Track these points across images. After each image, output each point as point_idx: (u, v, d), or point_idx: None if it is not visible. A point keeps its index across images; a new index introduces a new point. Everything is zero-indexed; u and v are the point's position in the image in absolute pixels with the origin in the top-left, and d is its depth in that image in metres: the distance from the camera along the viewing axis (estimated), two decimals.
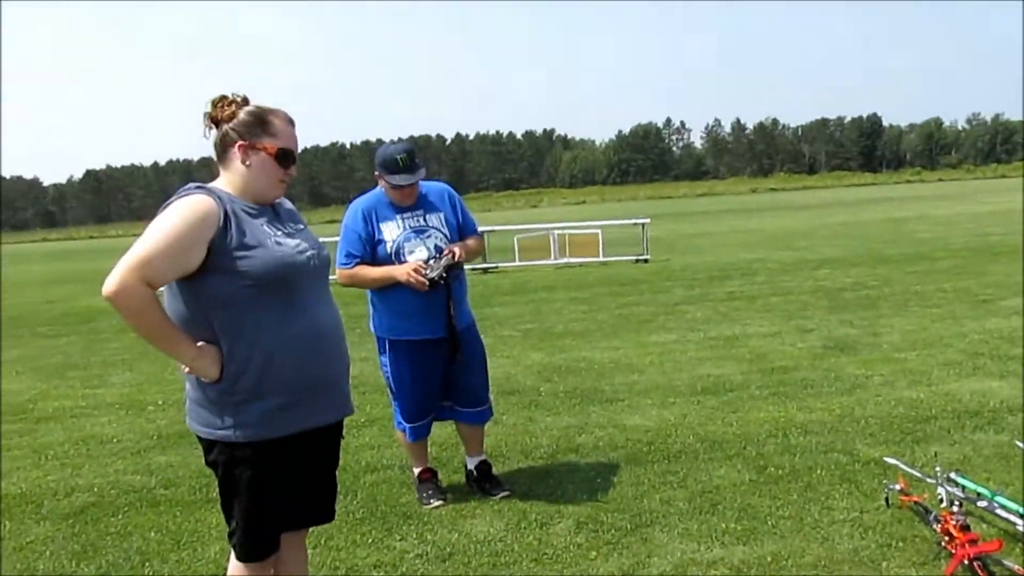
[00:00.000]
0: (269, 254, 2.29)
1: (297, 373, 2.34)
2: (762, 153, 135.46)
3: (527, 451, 4.81)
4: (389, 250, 3.85)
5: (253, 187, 2.38)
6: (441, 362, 3.99)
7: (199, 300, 2.29)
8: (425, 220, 3.93)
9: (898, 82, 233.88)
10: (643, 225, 16.85)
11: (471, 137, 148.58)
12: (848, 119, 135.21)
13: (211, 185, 2.37)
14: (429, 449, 4.38)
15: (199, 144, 2.38)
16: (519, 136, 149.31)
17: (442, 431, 4.73)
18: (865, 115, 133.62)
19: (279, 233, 2.38)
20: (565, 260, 16.49)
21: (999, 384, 5.56)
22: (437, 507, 4.02)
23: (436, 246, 3.88)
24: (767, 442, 4.69)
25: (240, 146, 2.36)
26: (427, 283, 3.72)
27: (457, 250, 3.83)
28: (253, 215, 2.35)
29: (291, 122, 2.43)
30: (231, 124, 2.36)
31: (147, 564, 3.60)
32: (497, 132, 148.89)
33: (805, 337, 7.60)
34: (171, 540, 3.84)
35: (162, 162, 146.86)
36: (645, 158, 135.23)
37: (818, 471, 4.18)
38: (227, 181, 2.39)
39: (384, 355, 4.05)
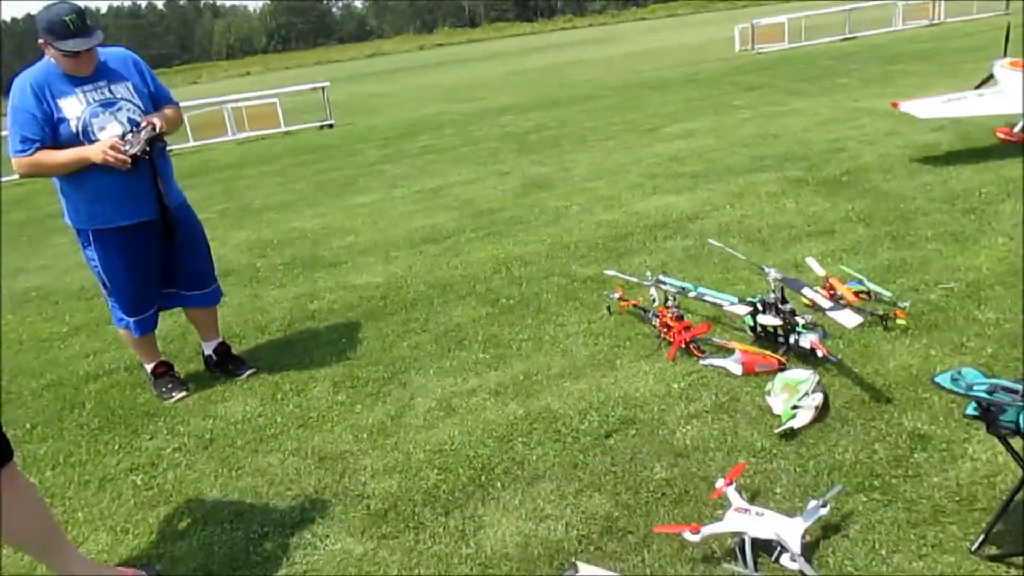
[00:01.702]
0: None
1: None
2: (423, 8, 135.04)
3: (261, 327, 4.67)
4: (74, 129, 3.36)
5: None
6: (157, 246, 3.66)
7: None
8: (111, 91, 3.46)
9: None
10: (323, 89, 16.32)
11: (103, 12, 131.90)
12: None
13: None
14: (158, 343, 4.08)
15: None
16: (160, 7, 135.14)
17: (167, 321, 4.41)
18: None
19: None
20: (245, 134, 15.57)
21: (676, 199, 6.27)
22: (182, 398, 3.81)
23: (130, 119, 3.46)
24: (493, 278, 4.95)
25: None
26: (129, 160, 3.34)
27: (157, 121, 3.45)
28: None
29: None
30: None
31: None
32: (134, 4, 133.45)
33: (504, 180, 7.97)
34: None
35: None
36: (305, 21, 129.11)
37: (545, 295, 4.52)
38: None
39: (89, 248, 3.62)
